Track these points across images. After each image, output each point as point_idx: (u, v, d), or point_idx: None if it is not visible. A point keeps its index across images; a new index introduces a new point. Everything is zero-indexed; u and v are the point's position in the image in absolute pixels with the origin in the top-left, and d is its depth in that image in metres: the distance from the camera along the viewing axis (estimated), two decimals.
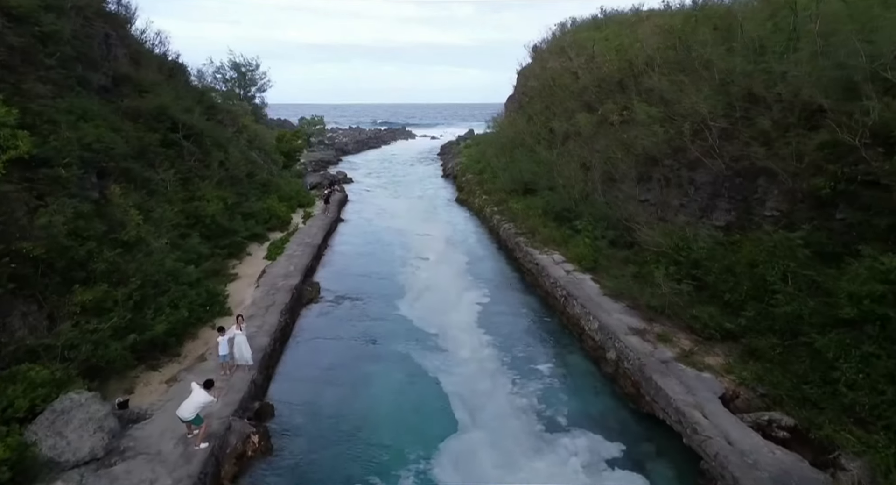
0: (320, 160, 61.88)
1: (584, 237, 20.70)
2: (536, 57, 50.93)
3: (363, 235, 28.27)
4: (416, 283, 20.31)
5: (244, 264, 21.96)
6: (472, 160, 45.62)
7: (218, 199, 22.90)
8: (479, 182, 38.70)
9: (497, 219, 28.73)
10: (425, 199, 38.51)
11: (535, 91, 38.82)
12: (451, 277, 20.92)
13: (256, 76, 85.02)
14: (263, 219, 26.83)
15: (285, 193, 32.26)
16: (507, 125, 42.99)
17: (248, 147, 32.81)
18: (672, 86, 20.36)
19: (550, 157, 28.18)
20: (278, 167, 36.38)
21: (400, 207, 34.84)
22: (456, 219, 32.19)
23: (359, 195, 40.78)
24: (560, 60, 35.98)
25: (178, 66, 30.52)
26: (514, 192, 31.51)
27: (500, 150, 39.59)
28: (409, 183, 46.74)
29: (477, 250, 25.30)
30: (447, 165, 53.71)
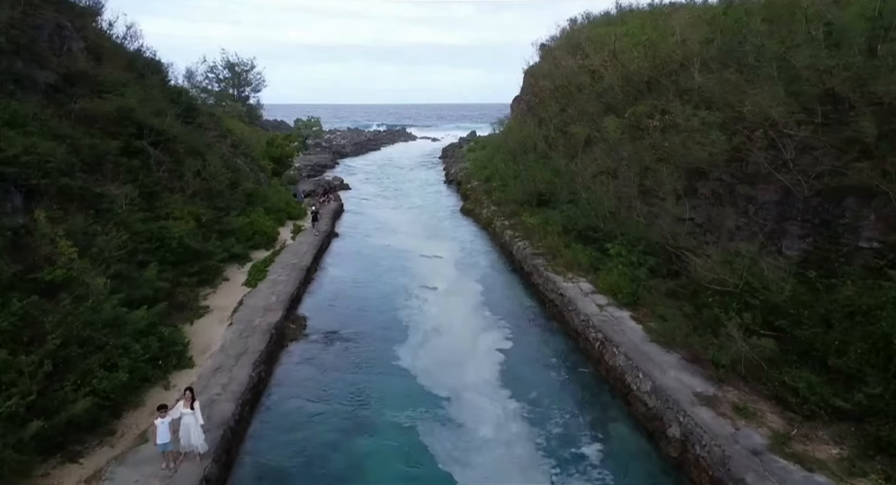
0: (316, 164, 58.78)
1: (617, 263, 17.55)
2: (545, 55, 47.85)
3: (359, 256, 24.98)
4: (423, 321, 17.06)
5: (219, 293, 18.80)
6: (478, 166, 42.48)
7: (190, 215, 19.75)
8: (487, 190, 35.56)
9: (509, 235, 25.55)
10: (428, 209, 35.33)
11: (546, 92, 35.68)
12: (465, 313, 17.63)
13: (251, 76, 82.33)
14: (246, 236, 23.68)
15: (273, 204, 29.12)
16: (516, 128, 39.85)
17: (231, 153, 29.67)
18: (721, 85, 17.23)
19: (569, 165, 25.04)
20: (267, 175, 33.23)
21: (401, 219, 31.63)
22: (463, 234, 29.00)
23: (356, 205, 37.61)
24: (575, 58, 32.83)
25: (152, 64, 27.37)
26: (526, 203, 28.37)
27: (509, 155, 36.45)
28: (410, 190, 43.58)
29: (490, 276, 22.04)
30: (450, 171, 50.58)
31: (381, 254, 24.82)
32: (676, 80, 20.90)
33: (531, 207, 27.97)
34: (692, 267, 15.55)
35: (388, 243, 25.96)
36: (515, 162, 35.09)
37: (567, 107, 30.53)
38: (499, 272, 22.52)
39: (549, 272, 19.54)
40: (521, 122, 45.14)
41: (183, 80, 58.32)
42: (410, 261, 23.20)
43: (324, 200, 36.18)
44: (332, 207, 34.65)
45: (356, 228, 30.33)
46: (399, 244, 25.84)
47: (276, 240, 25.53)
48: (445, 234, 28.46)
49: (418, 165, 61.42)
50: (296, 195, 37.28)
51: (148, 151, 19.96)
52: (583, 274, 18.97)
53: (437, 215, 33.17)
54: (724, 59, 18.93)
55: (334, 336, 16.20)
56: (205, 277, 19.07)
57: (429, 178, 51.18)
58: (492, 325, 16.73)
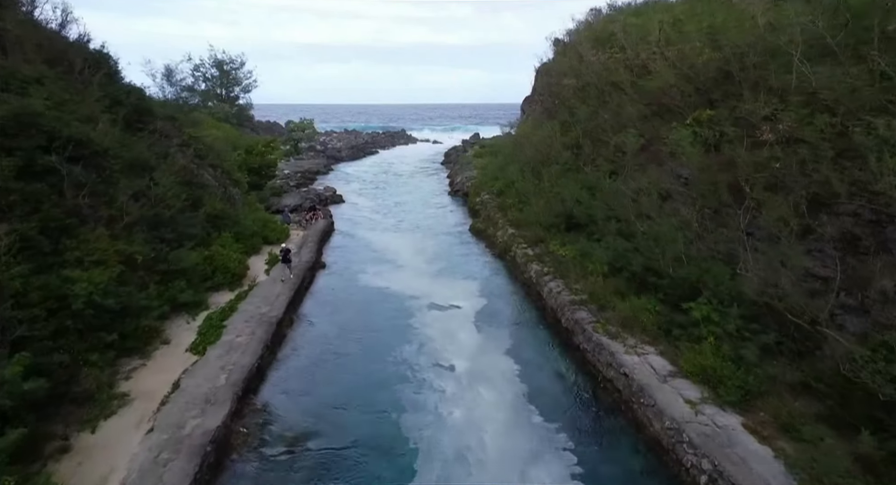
0: (308, 171, 53.65)
1: (706, 332, 12.44)
2: (563, 51, 42.86)
3: (349, 304, 19.29)
4: (438, 438, 11.21)
5: (151, 368, 13.69)
6: (488, 175, 37.33)
7: (117, 256, 14.66)
8: (500, 207, 30.44)
9: (536, 270, 20.42)
10: (432, 229, 30.10)
11: (571, 91, 30.57)
12: (501, 418, 11.94)
13: (241, 75, 77.26)
14: (203, 275, 18.59)
15: (246, 227, 24.00)
16: (530, 133, 34.70)
17: (196, 166, 24.55)
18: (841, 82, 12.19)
19: (612, 183, 19.94)
20: (242, 190, 28.10)
21: (401, 245, 26.32)
22: (476, 266, 23.70)
23: (349, 223, 32.45)
24: (605, 52, 27.75)
25: (94, 57, 22.19)
26: (553, 227, 23.27)
27: (527, 165, 31.36)
28: (411, 203, 38.41)
29: (522, 338, 16.44)
30: (455, 179, 45.44)
31: (378, 300, 19.32)
32: (764, 75, 15.84)
33: (559, 233, 22.88)
34: (832, 349, 10.49)
35: (386, 285, 20.49)
36: (535, 174, 29.99)
37: (600, 109, 25.42)
38: (530, 328, 17.22)
39: (601, 335, 14.42)
40: (535, 125, 40.02)
41: (161, 80, 53.47)
42: (416, 314, 17.65)
43: (311, 218, 31.10)
44: (319, 226, 29.54)
45: (348, 257, 25.12)
46: (400, 285, 20.38)
47: (244, 277, 20.40)
48: (456, 266, 23.18)
49: (419, 172, 56.29)
50: (281, 212, 32.17)
51: (60, 171, 14.84)
52: (649, 341, 13.85)
53: (443, 238, 27.95)
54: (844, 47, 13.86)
55: (302, 456, 10.95)
56: (131, 344, 13.97)
57: (431, 187, 46.03)
58: (545, 442, 11.29)
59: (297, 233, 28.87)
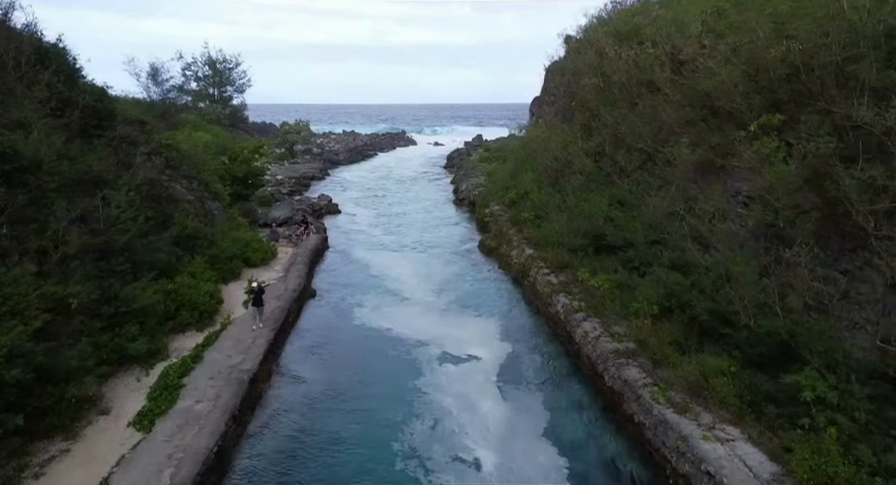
0: (303, 176, 50.43)
1: (820, 418, 9.17)
2: (573, 49, 39.71)
3: (343, 354, 15.70)
4: None
5: (75, 454, 10.42)
6: (498, 184, 34.07)
7: (41, 304, 11.41)
8: (514, 221, 27.18)
9: (563, 304, 17.12)
10: (438, 247, 26.78)
11: (592, 92, 27.30)
12: None
13: (235, 75, 74.00)
14: (163, 315, 15.31)
15: (224, 248, 20.72)
16: (545, 137, 31.42)
17: (168, 178, 21.28)
18: None
19: (657, 201, 16.67)
20: (223, 203, 24.81)
21: (405, 269, 22.86)
22: (491, 297, 20.22)
23: (345, 238, 29.19)
24: (636, 48, 24.49)
25: (45, 53, 18.87)
26: (580, 249, 20.01)
27: (543, 174, 28.12)
28: (413, 214, 35.13)
29: (560, 406, 12.93)
30: (460, 186, 42.17)
31: (378, 348, 15.83)
32: (855, 71, 12.59)
33: (587, 257, 19.61)
34: None
35: (387, 326, 17.00)
36: (553, 185, 26.75)
37: (630, 112, 22.15)
38: (565, 388, 13.72)
39: (663, 407, 11.15)
40: (548, 128, 36.82)
41: (146, 80, 50.22)
42: (425, 371, 14.13)
43: (302, 233, 27.84)
44: (311, 243, 26.26)
45: (343, 283, 21.81)
46: (405, 326, 16.81)
47: (217, 312, 17.11)
48: (469, 297, 19.78)
49: (421, 177, 53.01)
50: (268, 226, 28.92)
51: None
52: (731, 419, 10.55)
53: (451, 259, 24.59)
54: None
55: None
56: (52, 422, 10.70)
57: (434, 195, 42.75)
58: None
59: (286, 250, 25.61)
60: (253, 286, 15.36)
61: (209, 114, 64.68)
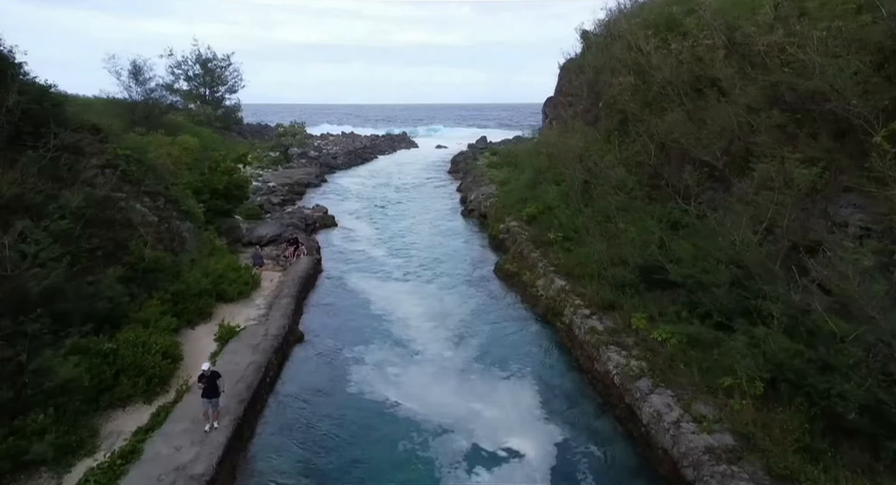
0: (297, 183, 46.65)
1: None
2: (595, 44, 36.07)
3: (333, 444, 11.50)
4: None
5: None
6: (513, 196, 30.29)
7: None
8: (536, 241, 23.41)
9: (617, 363, 13.31)
10: (449, 274, 22.81)
11: (627, 92, 23.55)
12: None
13: (227, 74, 70.22)
14: (94, 389, 11.54)
15: (191, 283, 16.93)
16: (572, 144, 27.65)
17: (125, 196, 17.52)
18: None
19: (747, 234, 12.87)
20: (197, 223, 21.02)
21: (411, 306, 18.63)
22: (521, 345, 16.20)
23: (341, 260, 25.40)
24: (682, 40, 20.74)
25: None
26: (630, 286, 16.23)
27: (571, 187, 24.35)
28: (418, 229, 31.35)
29: None
30: (468, 196, 38.40)
31: (382, 437, 11.60)
32: None
33: (638, 294, 15.86)
34: None
35: (394, 398, 12.93)
36: (583, 200, 23.00)
37: (686, 116, 18.39)
38: None
39: None
40: (571, 133, 33.12)
41: (128, 79, 46.38)
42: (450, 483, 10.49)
43: (291, 255, 24.10)
44: (301, 268, 22.49)
45: (337, 324, 17.93)
46: (417, 398, 12.79)
47: (173, 375, 13.36)
48: (493, 349, 15.55)
49: (424, 184, 49.24)
50: (256, 244, 25.23)
51: None
52: None
53: (465, 291, 20.59)
54: None
55: None
56: None
57: (440, 205, 38.99)
58: None
59: (272, 276, 21.89)
60: (203, 371, 11.28)
61: (199, 115, 60.91)
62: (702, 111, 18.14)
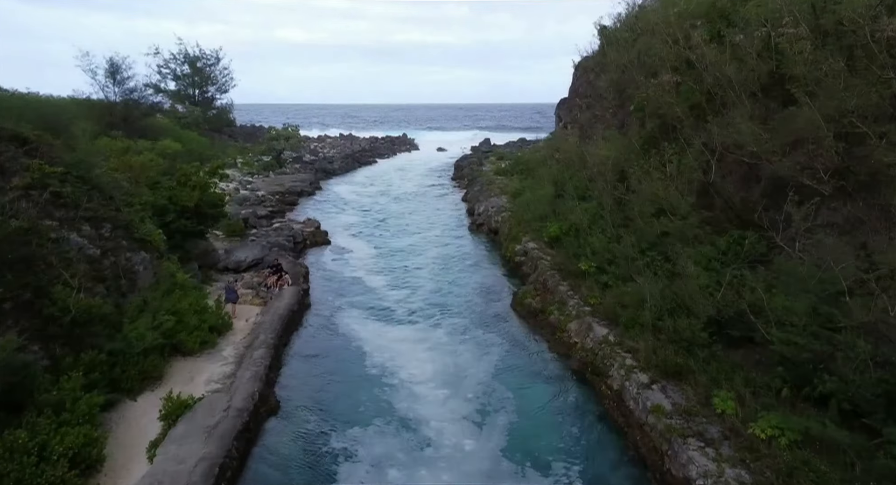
0: (289, 191, 42.97)
1: None
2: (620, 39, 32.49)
3: None
4: None
5: None
6: (531, 211, 26.55)
7: None
8: (563, 270, 19.75)
9: (705, 470, 9.63)
10: (459, 312, 18.97)
11: (672, 94, 19.84)
12: None
13: (217, 73, 66.52)
14: None
15: (135, 337, 13.21)
16: (599, 152, 23.95)
17: (56, 224, 13.82)
18: None
19: None
20: (155, 253, 17.28)
21: (420, 370, 14.29)
22: (560, 424, 12.51)
23: (332, 290, 21.68)
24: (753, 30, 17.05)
25: None
26: (697, 342, 12.56)
27: (603, 207, 20.67)
28: (422, 250, 27.64)
29: None
30: (476, 207, 34.71)
31: None
32: None
33: (714, 358, 12.19)
34: None
35: None
36: (619, 220, 19.34)
37: (754, 123, 14.69)
38: None
39: None
40: (587, 138, 29.50)
41: (104, 79, 42.68)
42: None
43: (273, 283, 20.44)
44: (284, 303, 18.78)
45: (322, 385, 14.15)
46: None
47: (98, 463, 9.67)
48: (528, 432, 11.62)
49: (426, 192, 45.56)
50: (231, 278, 21.57)
51: None
52: None
53: (483, 340, 16.71)
54: None
55: None
56: None
57: (444, 217, 35.32)
58: None
59: (249, 313, 18.26)
60: None
61: (185, 117, 57.18)
62: (774, 115, 14.54)
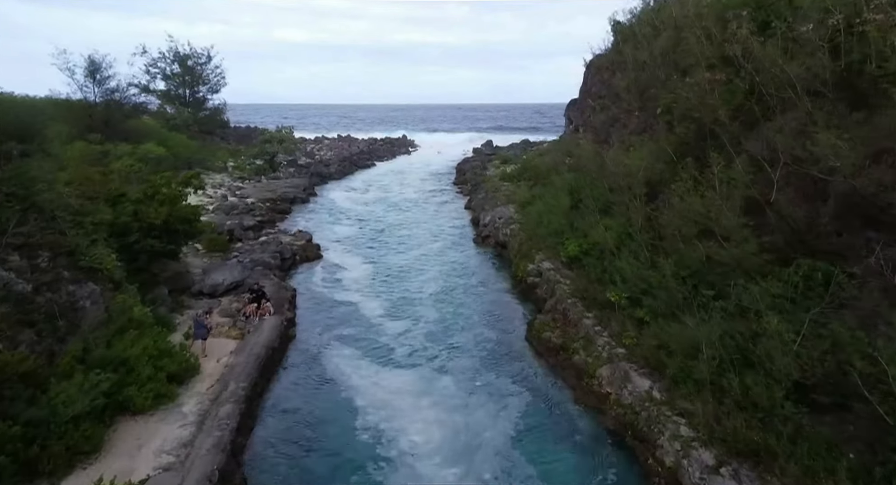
0: (281, 198, 40.25)
1: None
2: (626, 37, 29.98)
3: None
4: None
5: None
6: (545, 226, 23.84)
7: None
8: (587, 298, 17.07)
9: None
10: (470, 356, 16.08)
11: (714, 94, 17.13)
12: None
13: (208, 72, 63.81)
14: None
15: (66, 398, 10.50)
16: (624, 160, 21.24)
17: None
18: None
19: None
20: (108, 283, 14.55)
21: (424, 435, 11.49)
22: None
23: (321, 319, 18.97)
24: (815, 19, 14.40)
25: None
26: (777, 410, 9.89)
27: (631, 224, 17.94)
28: (424, 267, 24.93)
29: None
30: (481, 218, 32.02)
31: None
32: None
33: (801, 437, 9.51)
34: None
35: None
36: (652, 240, 16.66)
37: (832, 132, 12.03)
38: None
39: None
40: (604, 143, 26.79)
41: (83, 78, 39.93)
42: None
43: (252, 311, 17.75)
44: (263, 338, 16.07)
45: (299, 455, 11.51)
46: None
47: None
48: None
49: (428, 199, 42.85)
50: (210, 295, 18.88)
51: None
52: None
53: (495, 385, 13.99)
54: None
55: None
56: None
57: (448, 229, 32.63)
58: None
59: (223, 349, 15.57)
60: None
61: (174, 119, 54.42)
62: (844, 120, 11.90)
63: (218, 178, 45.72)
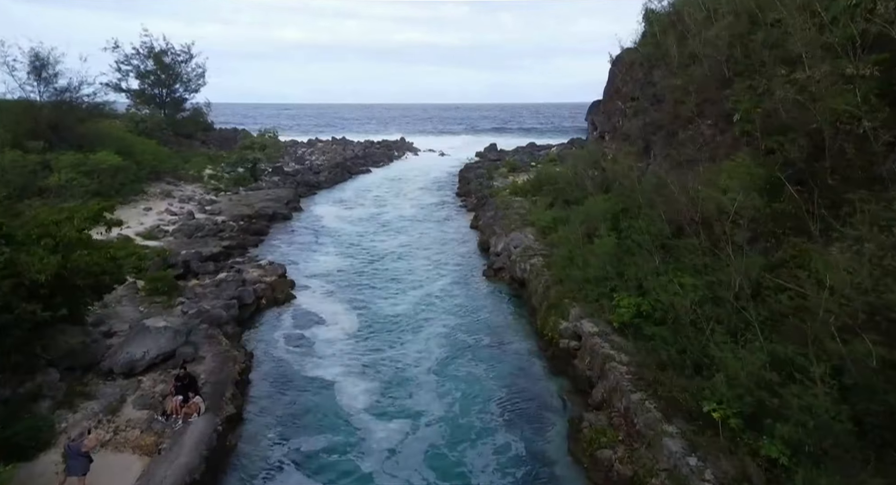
0: (258, 214, 34.74)
1: None
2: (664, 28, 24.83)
3: None
4: None
5: None
6: (581, 269, 18.32)
7: None
8: (659, 393, 11.62)
9: None
10: (486, 477, 10.96)
11: (835, 94, 11.68)
12: None
13: (189, 70, 58.17)
14: None
15: None
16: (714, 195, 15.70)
17: None
18: None
19: None
20: None
21: None
22: None
23: (274, 432, 13.45)
24: None
25: None
26: None
27: (723, 288, 12.44)
28: (425, 315, 19.44)
29: None
30: (494, 244, 26.54)
31: None
32: None
33: None
34: None
35: None
36: (759, 312, 11.18)
37: None
38: None
39: None
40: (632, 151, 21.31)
41: (28, 76, 34.34)
42: None
43: (176, 411, 12.28)
44: (176, 470, 10.57)
45: None
46: None
47: None
48: None
49: (428, 217, 37.28)
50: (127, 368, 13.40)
51: None
52: None
53: None
54: None
55: None
56: None
57: (452, 257, 27.13)
58: None
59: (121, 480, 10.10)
60: None
61: (144, 121, 48.80)
62: None
63: (189, 189, 40.23)
